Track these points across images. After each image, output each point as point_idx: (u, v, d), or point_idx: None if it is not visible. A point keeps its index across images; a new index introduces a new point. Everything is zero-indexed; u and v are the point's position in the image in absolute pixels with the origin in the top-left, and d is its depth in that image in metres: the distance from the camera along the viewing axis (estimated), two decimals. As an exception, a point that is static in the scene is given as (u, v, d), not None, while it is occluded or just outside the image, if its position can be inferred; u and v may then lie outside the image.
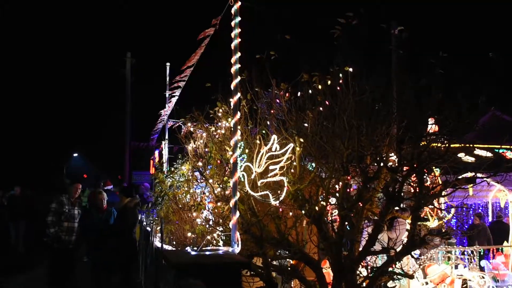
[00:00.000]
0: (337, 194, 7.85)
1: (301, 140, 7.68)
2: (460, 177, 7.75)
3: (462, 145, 10.52)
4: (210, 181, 8.35)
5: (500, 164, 8.04)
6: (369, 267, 8.62)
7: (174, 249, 8.57)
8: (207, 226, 8.67)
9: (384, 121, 8.05)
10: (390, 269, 8.29)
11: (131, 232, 11.55)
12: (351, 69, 7.50)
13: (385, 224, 8.71)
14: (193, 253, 6.43)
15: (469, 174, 8.45)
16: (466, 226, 17.42)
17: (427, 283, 10.46)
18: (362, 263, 9.02)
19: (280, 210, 7.94)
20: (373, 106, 8.24)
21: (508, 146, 21.56)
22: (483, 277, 10.72)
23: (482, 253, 13.71)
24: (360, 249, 8.16)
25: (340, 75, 7.57)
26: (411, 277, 8.53)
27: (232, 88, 7.08)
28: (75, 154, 60.01)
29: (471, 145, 14.80)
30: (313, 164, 8.40)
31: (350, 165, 7.92)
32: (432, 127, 11.43)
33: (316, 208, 7.66)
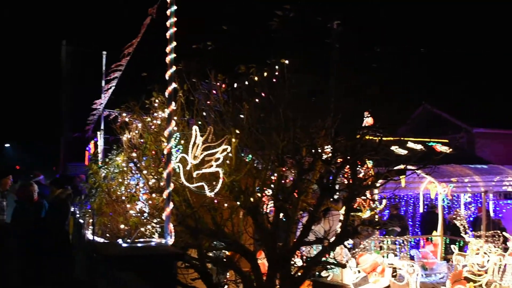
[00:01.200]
0: (272, 185, 7.91)
1: (237, 131, 7.67)
2: (391, 169, 7.97)
3: (395, 138, 10.84)
4: (145, 172, 8.22)
5: (430, 157, 8.33)
6: (304, 258, 8.76)
7: (106, 241, 8.39)
8: (142, 218, 8.54)
9: (320, 114, 8.18)
10: (324, 259, 8.46)
11: (63, 224, 11.21)
12: (287, 62, 7.55)
13: (321, 215, 8.87)
14: (124, 245, 6.32)
15: (401, 166, 8.72)
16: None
17: (359, 272, 10.73)
18: (297, 253, 9.16)
19: (216, 201, 7.92)
20: (310, 99, 8.37)
21: (438, 140, 22.44)
22: (413, 266, 11.09)
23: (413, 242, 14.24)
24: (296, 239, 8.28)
25: (277, 67, 7.61)
26: (343, 266, 8.72)
27: (167, 78, 6.97)
28: (7, 145, 57.75)
29: (403, 138, 15.29)
30: (250, 156, 8.42)
31: (285, 157, 8.00)
32: (367, 120, 11.71)
33: (252, 199, 7.69)
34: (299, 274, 8.17)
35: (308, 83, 8.21)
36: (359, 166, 8.12)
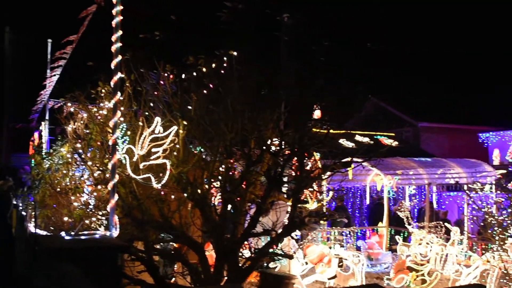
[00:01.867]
0: (220, 177, 7.89)
1: (185, 123, 7.61)
2: (338, 161, 8.09)
3: (343, 131, 10.99)
4: (89, 163, 8.05)
5: (375, 150, 8.50)
6: (252, 249, 8.80)
7: (49, 234, 8.19)
8: (87, 210, 8.37)
9: (268, 106, 8.21)
10: (272, 250, 8.52)
11: (5, 217, 10.88)
12: (235, 53, 7.53)
13: (268, 207, 8.91)
14: (67, 237, 6.17)
15: (348, 159, 8.86)
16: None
17: (307, 263, 10.87)
18: (245, 245, 9.20)
19: (162, 193, 7.84)
20: (259, 91, 8.37)
21: (385, 133, 22.97)
22: (358, 256, 11.32)
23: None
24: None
25: (225, 58, 7.58)
26: (290, 257, 8.81)
27: (112, 67, 6.84)
28: None
29: (351, 132, 15.54)
30: (199, 147, 8.38)
31: (234, 149, 8.00)
32: (316, 113, 11.81)
33: (199, 191, 7.65)
34: (247, 265, 8.21)
35: (257, 75, 8.20)
36: (307, 158, 8.20)
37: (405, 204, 17.28)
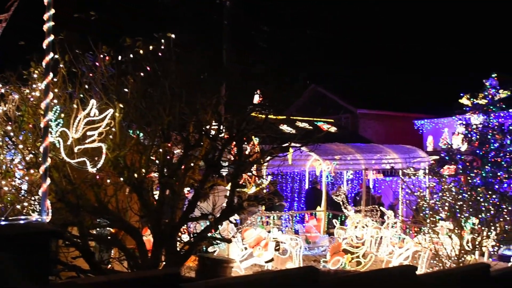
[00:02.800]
0: (158, 161, 7.81)
1: (122, 106, 7.46)
2: (276, 146, 8.17)
3: (283, 116, 11.07)
4: (21, 146, 7.77)
5: (312, 135, 8.63)
6: (191, 234, 8.79)
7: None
8: (19, 195, 8.10)
9: (208, 90, 8.16)
10: (210, 234, 8.54)
11: None
12: (173, 36, 7.43)
13: (207, 191, 8.91)
14: (-3, 223, 5.96)
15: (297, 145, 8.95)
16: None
17: (246, 248, 10.98)
18: (184, 230, 9.17)
19: (98, 177, 7.68)
20: (198, 75, 8.30)
21: (324, 119, 23.36)
22: (296, 240, 11.53)
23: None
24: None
25: (163, 41, 7.47)
26: (229, 241, 8.86)
27: (44, 47, 6.60)
28: None
29: (291, 117, 15.70)
30: (137, 131, 8.25)
31: (172, 133, 7.93)
32: (256, 98, 11.85)
33: (136, 175, 7.55)
34: (185, 250, 8.19)
35: (197, 59, 8.13)
36: (245, 143, 8.24)
37: (342, 189, 17.72)
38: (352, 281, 6.59)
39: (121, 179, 7.66)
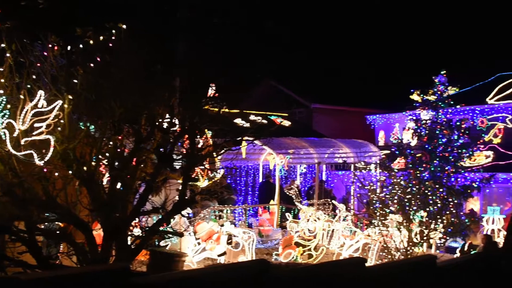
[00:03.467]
0: (108, 154, 7.68)
1: (71, 97, 7.29)
2: (229, 139, 8.16)
3: (237, 110, 11.03)
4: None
5: (265, 129, 8.67)
6: (143, 228, 8.70)
7: None
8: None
9: (161, 82, 8.07)
10: (162, 228, 8.47)
11: None
12: (124, 26, 7.30)
13: (159, 185, 8.83)
14: None
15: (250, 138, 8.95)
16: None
17: (199, 243, 10.93)
18: (136, 224, 9.07)
19: (46, 170, 7.49)
20: (151, 66, 8.19)
21: (279, 113, 23.49)
22: (249, 233, 11.58)
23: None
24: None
25: (114, 31, 7.33)
26: (181, 235, 8.81)
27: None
28: None
29: (245, 111, 15.70)
30: (88, 123, 8.08)
31: (123, 125, 7.81)
32: (210, 91, 11.78)
33: (85, 168, 7.40)
34: (136, 244, 8.10)
35: (150, 50, 8.02)
36: (198, 136, 8.20)
37: (296, 183, 17.89)
38: (303, 274, 6.67)
39: (70, 172, 7.49)
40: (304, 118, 28.25)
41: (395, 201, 12.13)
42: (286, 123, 24.32)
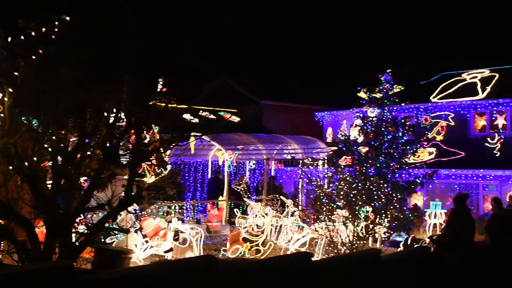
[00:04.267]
0: (51, 149, 7.48)
1: (11, 90, 7.06)
2: (176, 135, 8.09)
3: (186, 106, 10.95)
4: None
5: (213, 125, 8.64)
6: (88, 224, 8.52)
7: None
8: None
9: (107, 76, 7.91)
10: (108, 225, 8.32)
11: None
12: (68, 18, 7.12)
13: (105, 181, 8.67)
14: None
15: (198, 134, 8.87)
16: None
17: (147, 241, 10.79)
18: (81, 220, 8.87)
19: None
20: (97, 60, 8.01)
21: (229, 110, 23.49)
22: (196, 229, 11.52)
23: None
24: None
25: (57, 23, 7.13)
26: (127, 231, 8.68)
27: None
28: None
29: (194, 107, 15.59)
30: (32, 118, 7.84)
31: (68, 120, 7.63)
32: (160, 87, 11.67)
33: (26, 163, 7.19)
34: (80, 241, 7.93)
35: (96, 43, 7.84)
36: (145, 131, 8.10)
37: (245, 179, 17.94)
38: (249, 268, 6.70)
39: (11, 168, 7.26)
40: (254, 115, 28.35)
41: (341, 196, 12.34)
42: (236, 119, 24.36)
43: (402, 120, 17.97)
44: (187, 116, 19.29)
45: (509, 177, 18.95)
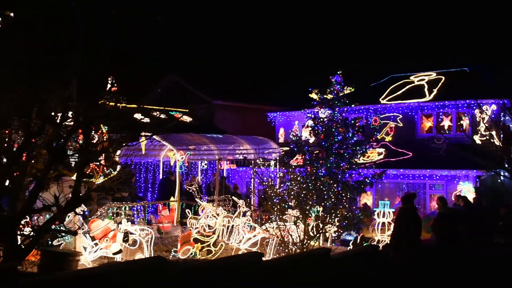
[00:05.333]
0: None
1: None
2: (125, 135, 7.98)
3: (137, 105, 10.83)
4: None
5: (164, 124, 8.56)
6: (34, 226, 8.30)
7: None
8: None
9: (54, 74, 7.74)
10: (55, 227, 8.13)
11: None
12: (12, 14, 6.92)
13: (52, 181, 8.47)
14: None
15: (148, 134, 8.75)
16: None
17: (96, 244, 10.57)
18: (26, 222, 8.64)
19: None
20: (43, 58, 7.83)
21: (180, 109, 23.34)
22: (147, 230, 11.37)
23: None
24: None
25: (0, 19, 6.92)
26: (74, 233, 8.50)
27: None
28: None
29: (145, 106, 15.37)
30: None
31: (12, 118, 7.41)
32: (110, 86, 11.49)
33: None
34: (26, 243, 7.73)
35: (42, 41, 7.65)
36: (93, 131, 7.95)
37: (197, 179, 17.86)
38: (199, 269, 6.69)
39: None
40: (206, 115, 28.23)
41: (293, 196, 12.43)
42: (187, 119, 24.20)
43: (352, 121, 18.28)
44: (138, 115, 19.07)
45: (454, 176, 19.56)
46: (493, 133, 18.98)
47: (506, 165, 16.54)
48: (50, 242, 9.88)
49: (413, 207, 10.49)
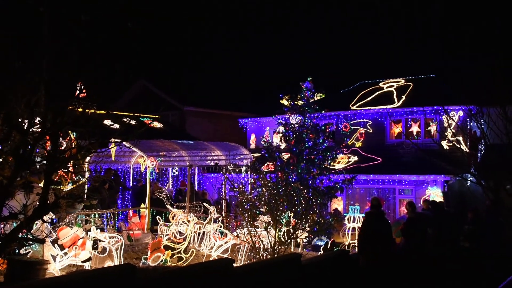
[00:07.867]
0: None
1: None
2: (93, 141, 7.88)
3: (105, 111, 10.71)
4: None
5: (134, 130, 8.48)
6: (1, 235, 8.12)
7: None
8: None
9: (21, 80, 7.61)
10: (21, 235, 7.96)
11: None
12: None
13: (18, 189, 8.32)
14: None
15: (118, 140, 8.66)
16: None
17: (66, 253, 10.40)
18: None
19: None
20: (9, 63, 7.71)
21: (151, 115, 23.17)
22: (116, 238, 11.24)
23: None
24: None
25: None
26: (42, 241, 8.36)
27: None
28: None
29: (115, 112, 15.23)
30: None
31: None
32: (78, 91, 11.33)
33: None
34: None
35: (7, 45, 7.53)
36: (61, 138, 7.84)
37: (168, 185, 17.75)
38: (169, 276, 6.65)
39: None
40: (177, 121, 28.14)
41: (264, 202, 12.45)
42: (158, 125, 24.05)
43: (323, 127, 18.42)
44: (107, 122, 18.88)
45: (422, 181, 19.86)
46: (460, 138, 19.38)
47: (472, 170, 16.88)
48: (17, 251, 9.70)
49: (379, 211, 10.58)
